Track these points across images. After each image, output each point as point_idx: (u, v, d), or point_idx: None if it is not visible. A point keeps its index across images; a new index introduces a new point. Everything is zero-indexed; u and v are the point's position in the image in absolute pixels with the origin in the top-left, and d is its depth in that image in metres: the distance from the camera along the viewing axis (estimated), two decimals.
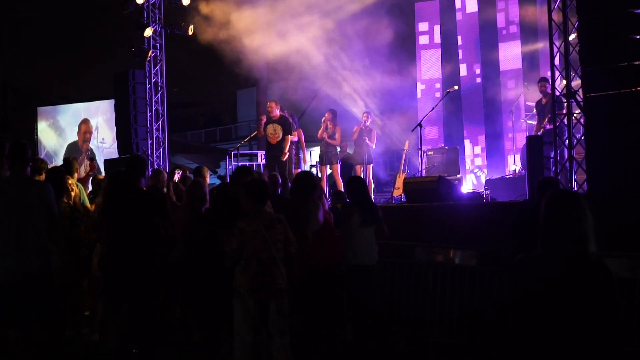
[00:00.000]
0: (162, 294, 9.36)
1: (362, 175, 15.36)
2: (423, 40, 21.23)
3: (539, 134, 13.32)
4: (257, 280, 6.91)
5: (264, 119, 15.43)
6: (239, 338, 7.02)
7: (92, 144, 25.09)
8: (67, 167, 10.72)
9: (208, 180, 11.23)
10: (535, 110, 14.90)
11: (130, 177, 8.21)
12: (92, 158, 11.68)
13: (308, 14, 21.46)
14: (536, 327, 4.15)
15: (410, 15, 21.16)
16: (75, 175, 10.84)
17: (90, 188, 11.46)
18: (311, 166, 17.45)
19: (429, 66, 21.06)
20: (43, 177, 9.06)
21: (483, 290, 9.77)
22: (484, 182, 16.35)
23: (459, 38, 20.54)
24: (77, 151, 24.67)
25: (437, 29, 21.00)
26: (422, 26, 21.21)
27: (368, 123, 16.46)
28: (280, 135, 15.28)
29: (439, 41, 20.97)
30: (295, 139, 15.57)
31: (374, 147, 16.52)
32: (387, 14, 19.87)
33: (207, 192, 9.50)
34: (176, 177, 11.40)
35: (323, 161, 16.22)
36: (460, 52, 20.55)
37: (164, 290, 9.61)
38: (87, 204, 9.97)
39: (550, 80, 12.63)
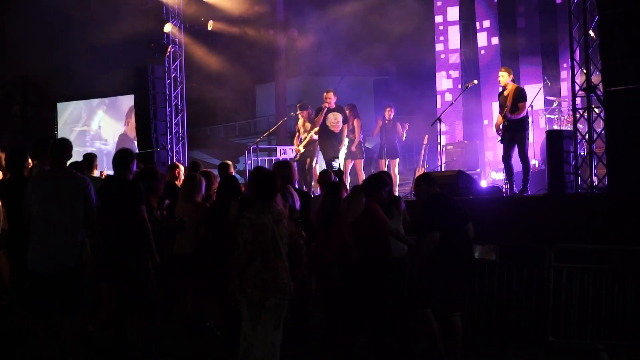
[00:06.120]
0: (166, 283, 9.51)
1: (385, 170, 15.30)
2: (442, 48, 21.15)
3: (501, 127, 13.05)
4: (260, 277, 6.82)
5: (325, 108, 15.33)
6: (243, 332, 7.03)
7: (94, 145, 24.68)
8: (87, 161, 10.82)
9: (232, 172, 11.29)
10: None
11: (117, 171, 8.30)
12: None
13: (327, 8, 21.53)
14: None
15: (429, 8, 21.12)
16: (95, 171, 10.92)
17: None
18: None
19: (450, 61, 21.00)
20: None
21: (502, 284, 9.77)
22: (503, 176, 16.30)
23: (479, 35, 20.44)
24: (130, 142, 23.98)
25: (456, 29, 20.94)
26: (440, 20, 21.12)
27: (391, 116, 16.45)
28: (341, 124, 15.32)
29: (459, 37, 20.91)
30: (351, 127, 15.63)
31: (404, 138, 16.54)
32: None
33: (201, 185, 9.62)
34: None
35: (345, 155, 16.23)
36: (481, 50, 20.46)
37: (171, 282, 9.75)
38: None
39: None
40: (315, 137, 15.65)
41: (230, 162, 11.45)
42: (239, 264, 6.91)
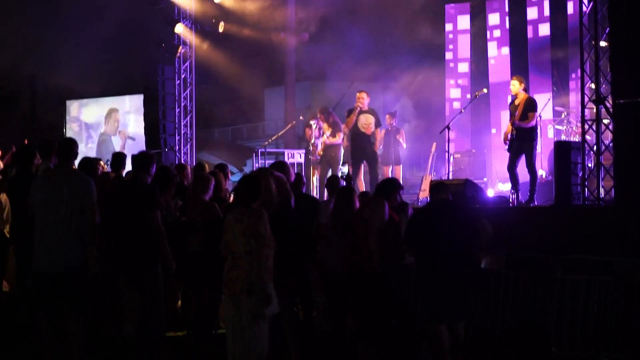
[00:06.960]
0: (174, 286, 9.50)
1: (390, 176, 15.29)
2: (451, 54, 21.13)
3: (509, 135, 13.01)
4: (227, 274, 6.94)
5: (358, 109, 14.95)
6: (226, 332, 7.11)
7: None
8: (116, 161, 10.85)
9: (230, 177, 11.28)
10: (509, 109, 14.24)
11: (136, 174, 8.35)
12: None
13: (339, 13, 21.51)
14: None
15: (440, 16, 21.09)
16: (123, 171, 10.93)
17: None
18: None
19: (459, 70, 20.98)
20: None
21: (507, 293, 9.77)
22: (510, 187, 16.30)
23: (489, 45, 20.41)
24: (109, 142, 24.14)
25: (466, 37, 20.90)
26: (451, 28, 21.08)
27: (394, 123, 16.44)
28: (373, 127, 15.14)
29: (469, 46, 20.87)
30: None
31: (405, 146, 16.49)
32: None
33: (210, 184, 9.59)
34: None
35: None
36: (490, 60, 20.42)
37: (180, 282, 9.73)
38: None
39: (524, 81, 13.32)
40: (332, 140, 15.48)
41: (226, 164, 11.46)
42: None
